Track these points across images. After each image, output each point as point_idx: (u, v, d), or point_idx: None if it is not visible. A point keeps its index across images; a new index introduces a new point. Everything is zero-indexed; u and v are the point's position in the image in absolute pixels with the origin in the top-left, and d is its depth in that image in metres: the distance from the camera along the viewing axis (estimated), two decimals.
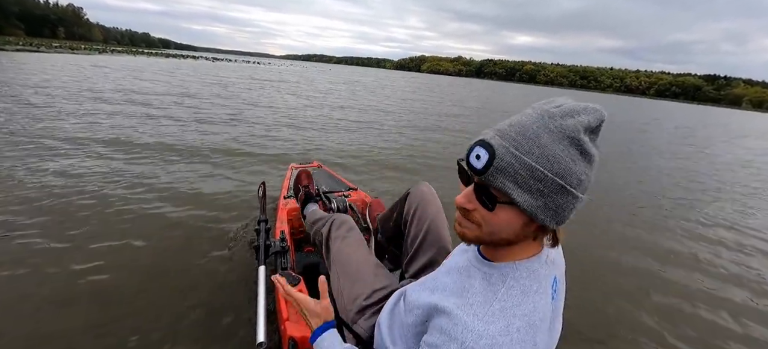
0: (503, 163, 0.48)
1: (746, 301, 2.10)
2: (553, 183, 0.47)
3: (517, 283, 0.54)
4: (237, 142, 4.60)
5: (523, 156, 0.47)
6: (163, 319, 1.46)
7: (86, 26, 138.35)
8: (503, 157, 0.48)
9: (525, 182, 0.47)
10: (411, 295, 0.68)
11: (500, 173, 0.48)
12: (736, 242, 2.97)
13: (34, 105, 5.60)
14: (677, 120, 19.31)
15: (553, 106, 0.50)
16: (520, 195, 0.48)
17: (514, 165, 0.47)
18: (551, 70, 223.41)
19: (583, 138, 0.48)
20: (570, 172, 0.47)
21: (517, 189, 0.48)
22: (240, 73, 21.15)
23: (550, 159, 0.47)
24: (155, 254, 1.91)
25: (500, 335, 0.49)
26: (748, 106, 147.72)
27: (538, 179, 0.47)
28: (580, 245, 2.51)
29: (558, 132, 0.48)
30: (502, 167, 0.48)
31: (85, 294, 1.56)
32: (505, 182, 0.48)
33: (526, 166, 0.47)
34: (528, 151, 0.47)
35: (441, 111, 11.17)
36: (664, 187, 4.63)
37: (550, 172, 0.47)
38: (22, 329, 1.37)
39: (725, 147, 9.89)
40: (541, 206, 0.49)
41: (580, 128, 0.48)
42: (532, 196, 0.48)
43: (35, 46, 33.86)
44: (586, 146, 0.48)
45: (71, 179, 2.78)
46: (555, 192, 0.48)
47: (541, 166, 0.47)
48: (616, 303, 1.93)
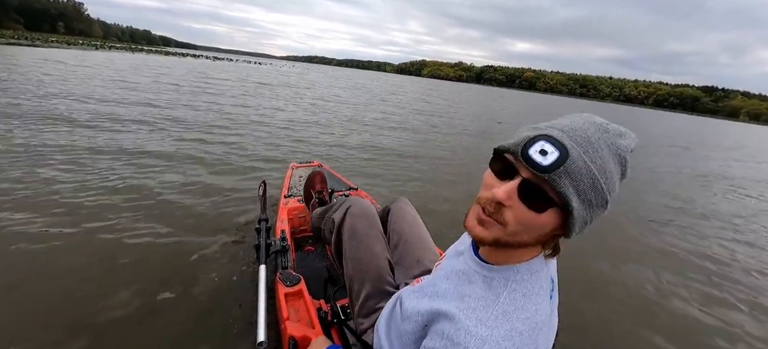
0: (574, 166, 0.45)
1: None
2: (603, 197, 0.47)
3: (519, 286, 0.53)
4: (237, 141, 4.40)
5: (590, 164, 0.45)
6: (162, 319, 1.43)
7: (86, 22, 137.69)
8: (575, 160, 0.45)
9: (584, 192, 0.46)
10: (408, 301, 0.66)
11: (567, 176, 0.45)
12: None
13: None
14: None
15: (601, 121, 0.49)
16: (577, 203, 0.46)
17: (582, 171, 0.45)
18: (551, 77, 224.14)
19: (628, 159, 0.48)
20: (615, 189, 0.48)
21: (576, 196, 0.45)
22: (239, 74, 20.25)
23: (606, 173, 0.46)
24: (155, 255, 1.86)
25: (504, 340, 0.48)
26: (745, 119, 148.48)
27: (595, 190, 0.46)
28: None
29: (613, 148, 0.47)
30: (571, 171, 0.45)
31: (84, 294, 1.52)
32: (569, 185, 0.45)
33: (590, 175, 0.45)
34: (593, 160, 0.46)
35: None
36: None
37: (605, 186, 0.46)
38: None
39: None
40: (584, 217, 0.47)
41: (628, 149, 0.48)
42: (584, 205, 0.46)
43: (30, 40, 33.38)
44: (628, 167, 0.48)
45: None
46: (600, 205, 0.47)
47: (600, 177, 0.46)
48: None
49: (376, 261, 0.99)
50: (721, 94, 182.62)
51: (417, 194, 3.32)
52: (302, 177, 2.38)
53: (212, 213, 2.39)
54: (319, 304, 1.19)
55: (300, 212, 1.85)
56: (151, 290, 1.58)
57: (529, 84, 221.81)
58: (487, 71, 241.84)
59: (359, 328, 0.94)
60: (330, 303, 1.14)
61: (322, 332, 1.04)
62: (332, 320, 1.09)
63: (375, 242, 1.02)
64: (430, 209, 2.90)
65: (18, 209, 2.14)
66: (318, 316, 1.10)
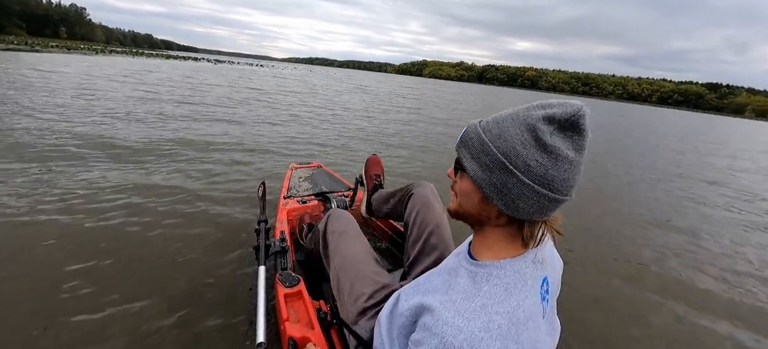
0: (467, 136, 0.57)
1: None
2: (495, 159, 0.52)
3: (501, 281, 0.54)
4: (236, 142, 4.32)
5: (481, 132, 0.55)
6: (162, 319, 1.43)
7: (89, 26, 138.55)
8: (468, 132, 0.57)
9: (477, 155, 0.55)
10: (404, 297, 0.68)
11: (463, 145, 0.58)
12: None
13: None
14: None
15: (540, 101, 0.53)
16: (469, 164, 0.56)
17: (473, 139, 0.56)
18: (553, 76, 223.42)
19: (539, 127, 0.50)
20: (516, 154, 0.50)
21: (470, 159, 0.56)
22: (236, 76, 19.55)
23: (501, 137, 0.52)
24: (154, 255, 1.85)
25: (479, 331, 0.48)
26: (751, 115, 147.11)
27: (486, 153, 0.53)
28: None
29: (520, 118, 0.52)
30: (465, 140, 0.57)
31: (83, 294, 1.52)
32: (464, 151, 0.57)
33: (480, 140, 0.54)
34: (488, 130, 0.54)
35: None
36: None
37: (496, 149, 0.52)
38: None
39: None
40: (486, 180, 0.53)
41: (540, 117, 0.50)
42: (480, 168, 0.54)
43: (31, 45, 33.28)
44: (541, 134, 0.49)
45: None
46: (498, 169, 0.52)
47: (491, 142, 0.53)
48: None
49: (359, 259, 1.03)
50: (725, 91, 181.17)
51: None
52: (302, 178, 2.34)
53: (211, 214, 2.36)
54: (319, 305, 1.17)
55: (299, 213, 1.83)
56: (150, 292, 1.56)
57: (531, 83, 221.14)
58: (489, 71, 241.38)
59: (359, 328, 0.94)
60: (330, 304, 1.13)
61: (321, 332, 1.02)
62: (332, 321, 1.07)
63: (355, 241, 1.08)
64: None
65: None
66: (318, 317, 1.08)
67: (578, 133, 0.50)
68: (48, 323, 1.34)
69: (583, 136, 0.50)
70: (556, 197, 0.51)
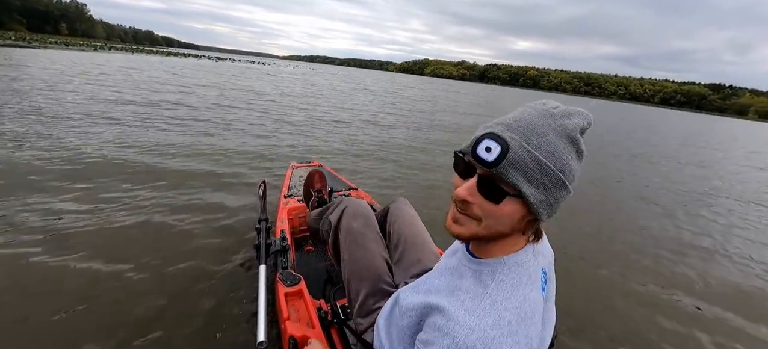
0: (516, 157, 0.48)
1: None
2: (557, 178, 0.50)
3: (507, 277, 0.54)
4: (237, 141, 4.25)
5: (533, 151, 0.49)
6: (162, 318, 1.42)
7: (89, 23, 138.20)
8: (516, 151, 0.48)
9: (534, 177, 0.49)
10: (404, 298, 0.67)
11: (512, 167, 0.48)
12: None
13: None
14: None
15: (551, 106, 0.52)
16: (529, 189, 0.49)
17: (525, 159, 0.48)
18: (555, 76, 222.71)
19: (579, 137, 0.51)
20: (570, 169, 0.50)
21: (527, 183, 0.49)
22: (224, 80, 16.83)
23: (555, 155, 0.49)
24: (154, 255, 1.82)
25: (491, 329, 0.49)
26: (754, 117, 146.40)
27: (546, 173, 0.49)
28: None
29: (560, 130, 0.50)
30: (514, 161, 0.48)
31: (83, 295, 1.50)
32: (517, 175, 0.49)
33: (536, 161, 0.48)
34: (537, 147, 0.49)
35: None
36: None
37: (555, 168, 0.49)
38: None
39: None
40: (544, 200, 0.50)
41: (577, 128, 0.51)
42: (538, 190, 0.50)
43: (28, 41, 32.88)
44: (581, 145, 0.51)
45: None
46: (557, 187, 0.50)
47: (549, 162, 0.49)
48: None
49: (374, 261, 1.01)
50: (728, 92, 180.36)
51: None
52: (302, 177, 2.33)
53: (211, 214, 2.34)
54: (319, 304, 1.17)
55: (300, 212, 1.84)
56: (149, 290, 1.56)
57: (532, 82, 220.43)
58: (491, 70, 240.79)
59: (359, 327, 0.94)
60: (330, 303, 1.12)
61: (322, 331, 1.02)
62: (332, 320, 1.06)
63: (371, 241, 1.05)
64: None
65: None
66: (318, 316, 1.08)
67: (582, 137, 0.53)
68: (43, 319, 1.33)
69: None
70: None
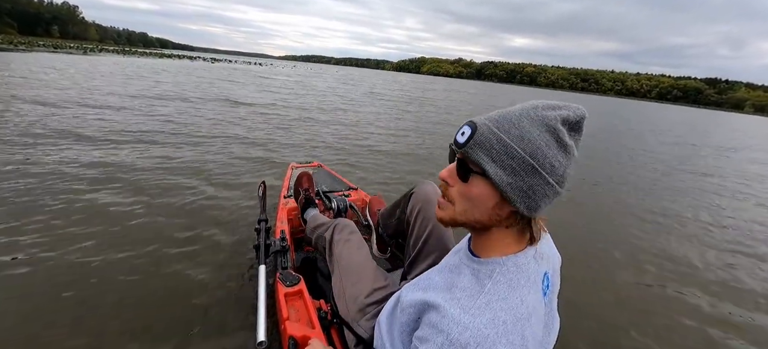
0: (482, 137, 0.52)
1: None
2: (524, 161, 0.50)
3: (504, 277, 0.54)
4: (238, 143, 4.32)
5: (500, 133, 0.51)
6: (162, 318, 1.43)
7: (81, 25, 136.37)
8: (483, 132, 0.52)
9: (499, 157, 0.51)
10: (405, 295, 0.68)
11: (478, 146, 0.52)
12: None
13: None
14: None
15: (542, 104, 0.54)
16: (492, 167, 0.51)
17: (491, 140, 0.51)
18: (552, 72, 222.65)
19: (559, 127, 0.51)
20: (542, 155, 0.50)
21: (491, 162, 0.51)
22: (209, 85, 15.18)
23: (524, 139, 0.50)
24: (154, 254, 1.84)
25: (485, 328, 0.49)
26: (750, 110, 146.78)
27: (511, 156, 0.50)
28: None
29: (537, 119, 0.51)
30: (480, 141, 0.52)
31: (82, 294, 1.51)
32: (481, 154, 0.51)
33: (501, 143, 0.51)
34: (506, 130, 0.51)
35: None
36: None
37: (523, 151, 0.50)
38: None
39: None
40: (512, 184, 0.51)
41: (557, 118, 0.51)
42: (505, 171, 0.51)
43: (14, 44, 31.87)
44: (562, 135, 0.51)
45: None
46: (526, 171, 0.50)
47: (515, 144, 0.50)
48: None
49: (361, 262, 1.08)
50: (724, 86, 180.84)
51: None
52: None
53: (211, 214, 2.34)
54: (319, 304, 1.16)
55: (300, 213, 1.80)
56: (149, 291, 1.56)
57: (530, 79, 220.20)
58: (488, 67, 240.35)
59: (359, 327, 0.95)
60: (330, 303, 1.12)
61: (322, 332, 1.02)
62: (332, 320, 1.06)
63: (358, 248, 1.13)
64: None
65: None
66: (318, 316, 1.08)
67: (579, 134, 0.53)
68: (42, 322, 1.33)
69: (581, 136, 0.53)
70: (562, 193, 0.53)
